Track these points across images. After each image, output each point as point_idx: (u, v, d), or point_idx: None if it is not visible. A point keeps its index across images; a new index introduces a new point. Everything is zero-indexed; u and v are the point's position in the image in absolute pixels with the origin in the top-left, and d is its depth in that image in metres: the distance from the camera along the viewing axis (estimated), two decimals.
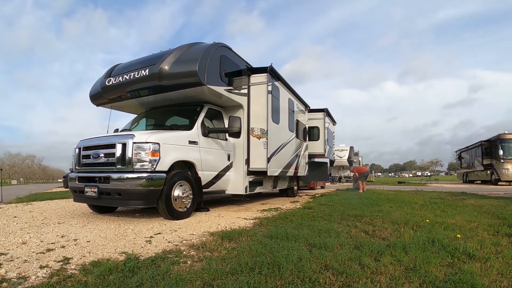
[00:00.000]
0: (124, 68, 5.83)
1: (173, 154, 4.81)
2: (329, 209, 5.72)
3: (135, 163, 4.45)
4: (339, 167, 29.22)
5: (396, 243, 2.99)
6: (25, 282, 2.13)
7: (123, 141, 4.58)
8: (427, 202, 6.96)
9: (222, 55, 5.76)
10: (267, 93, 6.50)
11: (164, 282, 2.06)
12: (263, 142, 6.44)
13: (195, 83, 5.15)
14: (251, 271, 2.23)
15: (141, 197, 4.47)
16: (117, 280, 2.10)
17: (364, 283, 2.07)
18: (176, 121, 6.27)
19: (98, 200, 4.72)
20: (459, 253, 2.73)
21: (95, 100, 6.38)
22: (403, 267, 2.38)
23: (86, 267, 2.41)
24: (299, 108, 9.33)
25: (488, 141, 20.18)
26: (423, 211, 5.51)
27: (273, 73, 6.88)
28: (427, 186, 18.97)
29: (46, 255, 2.80)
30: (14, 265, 2.50)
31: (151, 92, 5.65)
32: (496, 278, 2.20)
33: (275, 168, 7.07)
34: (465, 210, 5.79)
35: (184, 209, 4.91)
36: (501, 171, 18.10)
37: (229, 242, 3.15)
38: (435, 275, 2.22)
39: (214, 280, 2.10)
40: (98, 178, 4.70)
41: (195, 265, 2.44)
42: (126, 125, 6.40)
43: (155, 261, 2.51)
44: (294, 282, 2.07)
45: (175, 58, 5.27)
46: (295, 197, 9.45)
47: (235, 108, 6.49)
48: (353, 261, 2.49)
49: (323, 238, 3.23)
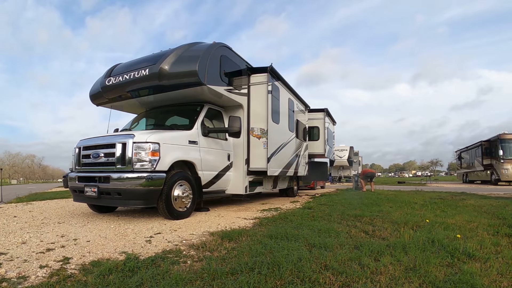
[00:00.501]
0: (124, 68, 5.83)
1: (173, 154, 4.80)
2: (329, 209, 5.73)
3: (135, 163, 4.45)
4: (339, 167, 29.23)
5: (396, 243, 2.99)
6: (25, 282, 2.13)
7: (123, 140, 4.58)
8: (427, 202, 6.96)
9: (222, 55, 5.76)
10: (267, 93, 6.50)
11: (164, 282, 2.06)
12: (263, 142, 6.44)
13: (195, 83, 5.15)
14: (251, 271, 2.23)
15: (141, 197, 4.47)
16: (117, 280, 2.10)
17: (364, 283, 2.07)
18: (176, 121, 6.27)
19: (98, 199, 4.72)
20: (459, 253, 2.73)
21: (95, 100, 6.39)
22: (403, 267, 2.38)
23: (86, 267, 2.41)
24: (299, 108, 9.33)
25: (488, 141, 20.18)
26: (423, 211, 5.51)
27: (273, 73, 6.88)
28: (427, 186, 18.97)
29: (46, 254, 2.80)
30: (14, 264, 2.50)
31: (151, 92, 5.65)
32: (496, 278, 2.20)
33: (275, 168, 7.07)
34: (465, 210, 5.79)
35: (184, 209, 4.91)
36: (501, 171, 18.09)
37: (229, 242, 3.15)
38: (435, 275, 2.22)
39: (214, 280, 2.10)
40: (98, 178, 4.70)
41: (195, 265, 2.44)
42: (126, 125, 6.40)
43: (155, 261, 2.51)
44: (294, 282, 2.07)
45: (175, 58, 5.26)
46: (295, 197, 9.45)
47: (235, 108, 6.49)
48: (353, 261, 2.49)
49: (323, 238, 3.23)
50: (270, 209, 6.04)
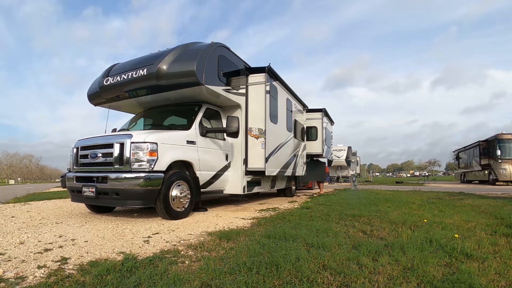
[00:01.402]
0: (122, 68, 5.81)
1: (171, 154, 4.80)
2: (327, 209, 5.73)
3: (133, 163, 4.44)
4: (337, 167, 29.29)
5: (394, 243, 2.99)
6: (23, 282, 2.12)
7: (121, 140, 4.56)
8: (425, 202, 6.98)
9: (220, 55, 5.76)
10: (265, 93, 6.50)
11: (162, 282, 2.06)
12: (261, 142, 6.44)
13: (193, 82, 5.15)
14: (249, 271, 2.23)
15: (139, 197, 4.46)
16: (115, 280, 2.09)
17: (362, 283, 2.07)
18: (174, 120, 6.26)
19: (96, 200, 4.71)
20: (457, 253, 2.74)
21: (93, 99, 6.36)
22: (401, 267, 2.39)
23: (84, 267, 2.40)
24: (297, 108, 9.34)
25: (486, 141, 20.23)
26: (421, 211, 5.52)
27: (271, 73, 6.89)
28: (425, 186, 19.02)
29: (44, 255, 2.79)
30: (11, 265, 2.49)
31: (149, 91, 5.64)
32: (493, 278, 2.20)
33: (273, 168, 7.07)
34: (463, 210, 5.80)
35: (182, 209, 4.90)
36: (499, 171, 18.15)
37: (227, 242, 3.15)
38: (433, 275, 2.22)
39: (212, 280, 2.10)
40: (96, 178, 4.68)
41: (193, 265, 2.44)
42: (124, 125, 6.39)
43: (153, 261, 2.51)
44: (292, 282, 2.07)
45: (173, 58, 5.25)
46: (293, 197, 9.46)
47: (233, 108, 6.49)
48: (351, 261, 2.49)
49: (321, 238, 3.24)
50: (268, 209, 6.04)
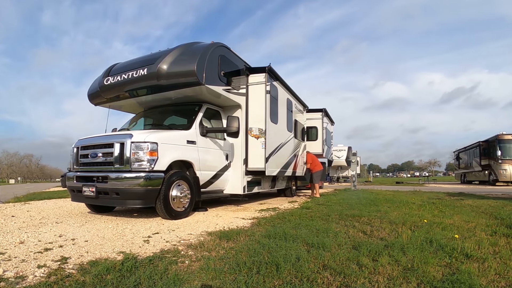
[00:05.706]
0: (122, 68, 5.81)
1: (171, 154, 4.80)
2: (327, 209, 5.73)
3: (133, 163, 4.44)
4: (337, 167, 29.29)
5: (394, 243, 2.99)
6: (23, 282, 2.12)
7: (121, 140, 4.57)
8: (425, 202, 6.97)
9: (220, 55, 5.75)
10: (266, 93, 6.50)
11: (162, 281, 2.06)
12: (261, 142, 6.44)
13: (193, 82, 5.15)
14: (249, 271, 2.23)
15: (139, 196, 4.46)
16: (115, 279, 2.09)
17: (362, 283, 2.07)
18: (174, 120, 6.26)
19: (96, 199, 4.71)
20: (457, 253, 2.74)
21: (93, 99, 6.36)
22: (401, 267, 2.39)
23: (84, 267, 2.40)
24: (297, 108, 9.34)
25: (486, 142, 20.23)
26: (421, 211, 5.52)
27: (271, 73, 6.88)
28: (425, 186, 19.02)
29: (44, 254, 2.79)
30: (12, 264, 2.49)
31: (149, 91, 5.64)
32: (493, 278, 2.21)
33: (273, 168, 7.07)
34: (463, 210, 5.80)
35: (182, 208, 4.90)
36: (499, 172, 18.15)
37: (227, 242, 3.15)
38: (433, 275, 2.22)
39: (212, 279, 2.10)
40: (96, 178, 4.69)
41: (193, 265, 2.44)
42: (124, 125, 6.39)
43: (153, 261, 2.51)
44: (292, 282, 2.08)
45: (173, 58, 5.25)
46: (293, 197, 9.46)
47: (233, 108, 6.49)
48: (351, 261, 2.49)
49: (321, 238, 3.23)
50: (268, 209, 6.04)
